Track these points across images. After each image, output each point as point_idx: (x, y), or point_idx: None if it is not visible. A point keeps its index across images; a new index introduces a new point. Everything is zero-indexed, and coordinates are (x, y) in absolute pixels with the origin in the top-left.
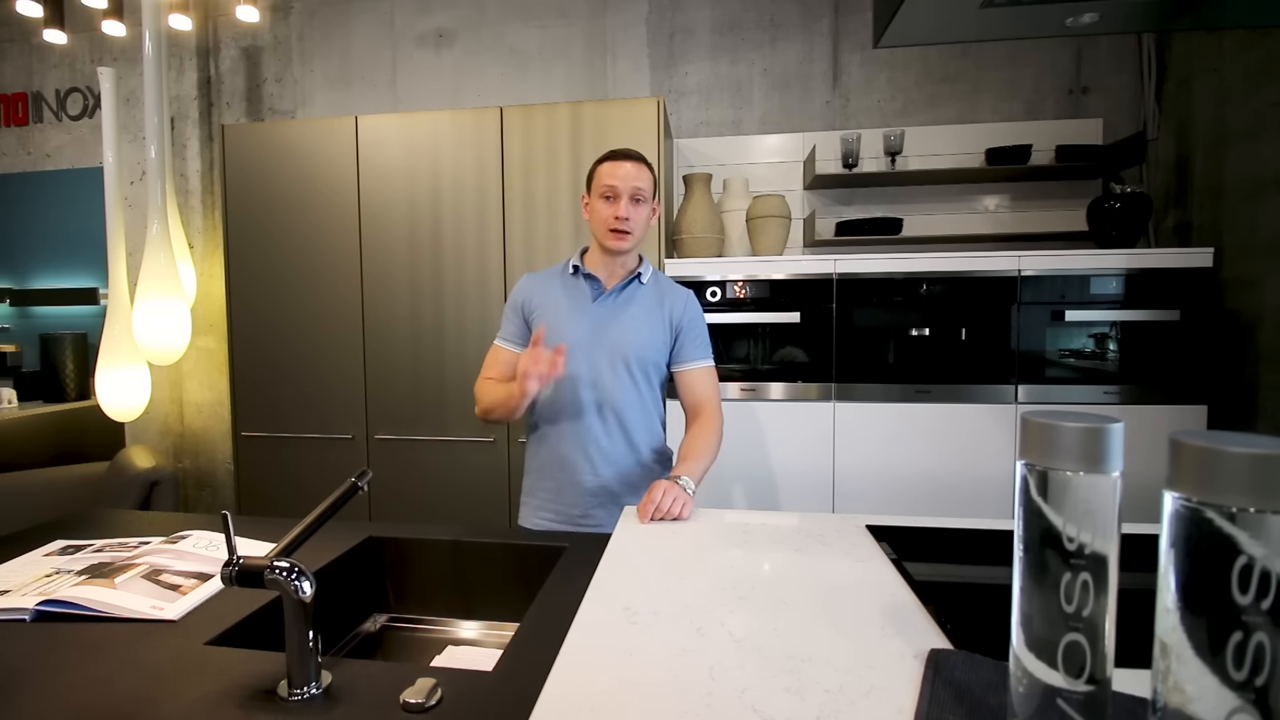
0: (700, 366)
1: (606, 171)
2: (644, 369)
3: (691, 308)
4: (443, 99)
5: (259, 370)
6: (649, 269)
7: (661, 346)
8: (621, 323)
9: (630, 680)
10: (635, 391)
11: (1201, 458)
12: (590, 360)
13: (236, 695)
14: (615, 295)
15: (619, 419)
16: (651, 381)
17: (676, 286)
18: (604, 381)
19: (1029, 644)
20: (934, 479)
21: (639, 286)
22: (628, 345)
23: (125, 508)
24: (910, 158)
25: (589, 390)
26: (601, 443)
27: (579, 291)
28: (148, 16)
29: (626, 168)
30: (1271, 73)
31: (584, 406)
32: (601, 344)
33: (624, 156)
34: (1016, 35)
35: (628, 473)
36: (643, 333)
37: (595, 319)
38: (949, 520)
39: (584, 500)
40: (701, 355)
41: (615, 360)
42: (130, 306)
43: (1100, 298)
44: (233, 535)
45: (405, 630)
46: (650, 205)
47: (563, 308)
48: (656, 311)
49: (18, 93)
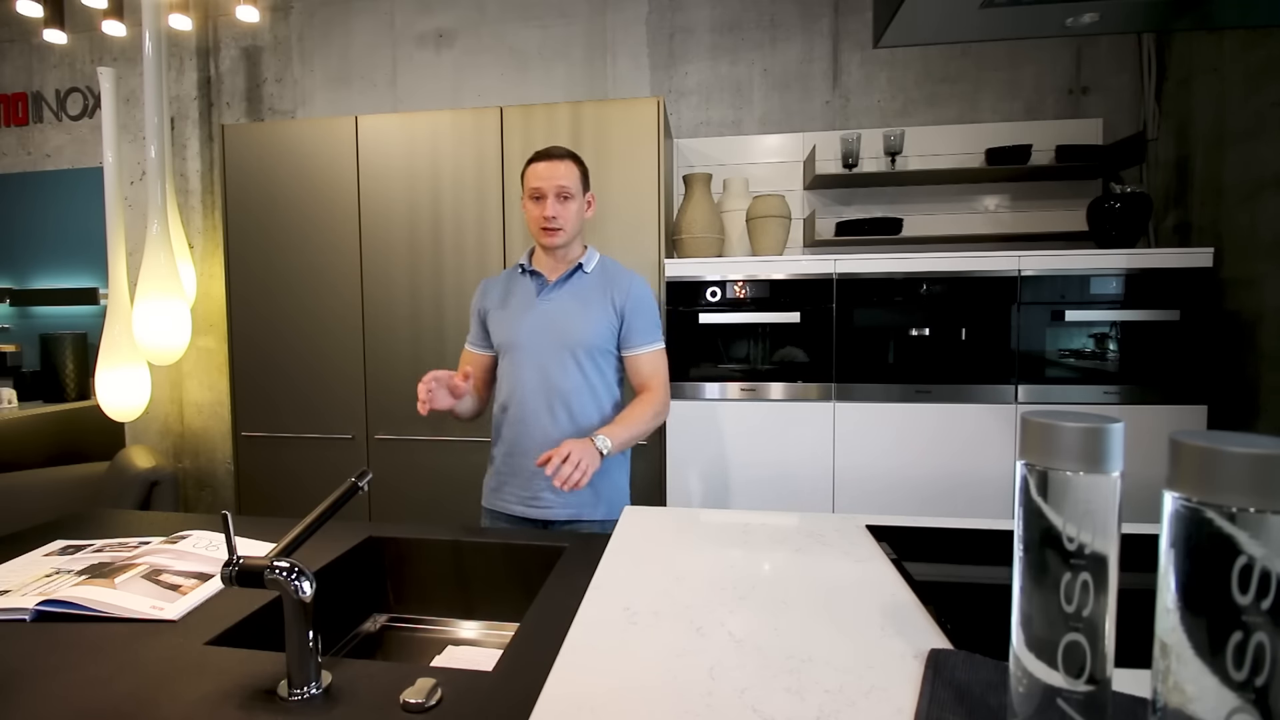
0: (647, 351)
1: (532, 173)
2: (591, 356)
3: (636, 291)
4: (443, 99)
5: (259, 370)
6: (594, 258)
7: (607, 332)
8: (565, 313)
9: (630, 680)
10: (583, 379)
11: (1201, 458)
12: (538, 352)
13: (236, 695)
14: (558, 287)
15: (567, 407)
16: (600, 367)
17: (623, 272)
18: (551, 372)
19: (1029, 644)
20: (934, 479)
21: (583, 276)
22: (572, 334)
23: (125, 508)
24: (910, 158)
25: (538, 381)
26: (549, 431)
27: (525, 288)
28: (148, 16)
29: (550, 167)
30: (1271, 73)
31: (533, 397)
32: (547, 336)
33: (547, 156)
34: (1016, 35)
35: None
36: (586, 320)
37: (539, 313)
38: (949, 520)
39: (534, 484)
40: (647, 340)
41: (561, 350)
42: (130, 306)
43: (1100, 298)
44: (233, 535)
45: (405, 630)
46: (581, 200)
47: (511, 306)
48: (600, 298)
49: (18, 93)
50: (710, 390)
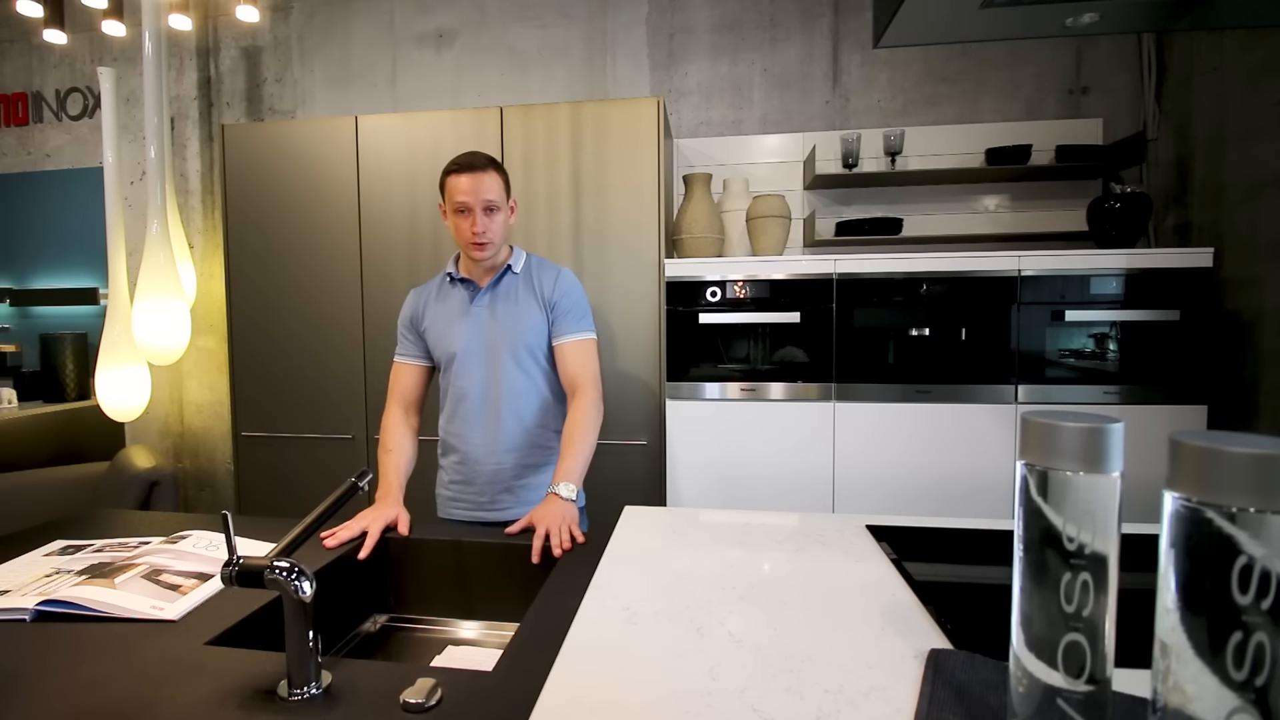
0: (573, 340)
1: (455, 186)
2: (530, 354)
3: (562, 282)
4: (443, 99)
5: (259, 370)
6: (520, 258)
7: (540, 328)
8: (499, 316)
9: (630, 680)
10: (525, 378)
11: (1201, 458)
12: (478, 359)
13: (236, 695)
14: (489, 292)
15: (514, 409)
16: (541, 363)
17: (549, 267)
18: (494, 376)
19: (1029, 644)
20: (934, 479)
21: (512, 277)
22: (508, 336)
23: (125, 508)
24: (910, 158)
25: (481, 388)
26: (499, 435)
27: (457, 297)
28: (148, 16)
29: (474, 180)
30: (1271, 73)
31: (479, 404)
32: (485, 341)
33: (470, 168)
34: (1016, 35)
35: (527, 456)
36: (520, 320)
37: (475, 319)
38: (949, 520)
39: (490, 488)
40: (574, 329)
41: (500, 353)
42: (130, 306)
43: (1100, 298)
44: (233, 535)
45: (405, 630)
46: (505, 209)
47: (446, 317)
48: (529, 295)
49: (18, 93)
50: (710, 390)
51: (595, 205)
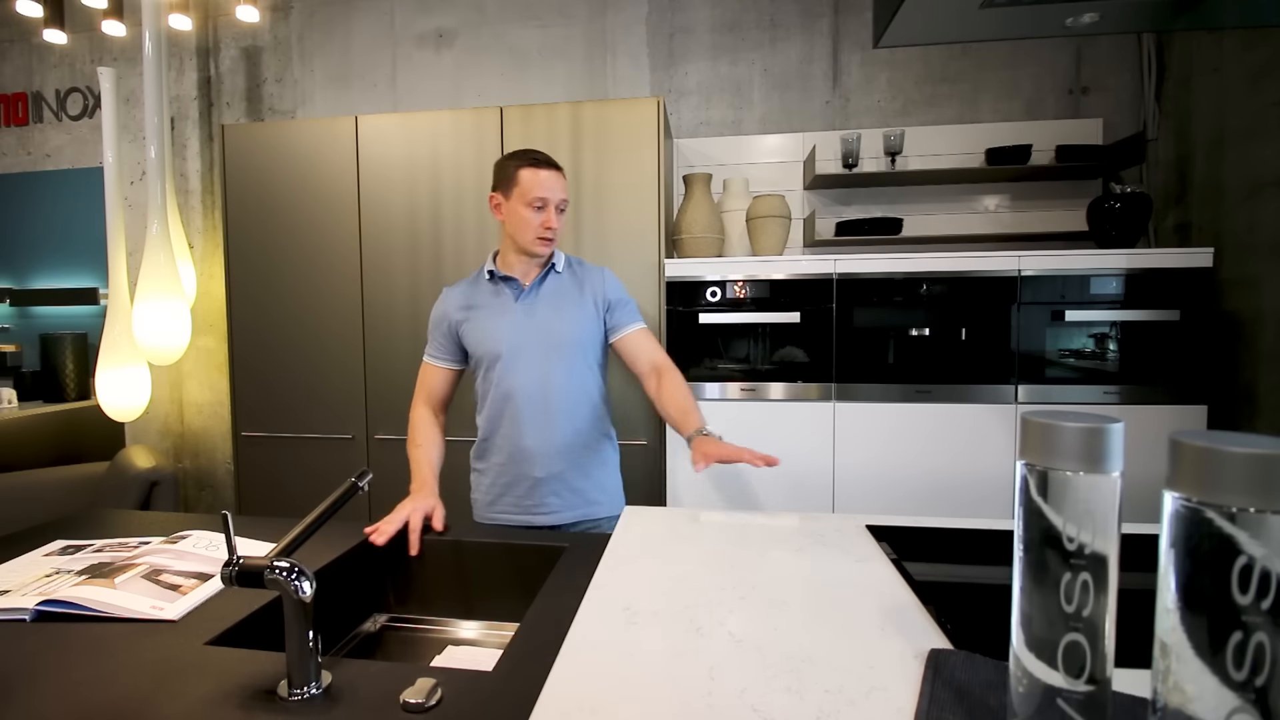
0: (636, 329)
1: (535, 182)
2: (579, 353)
3: (610, 281)
4: (443, 99)
5: (259, 370)
6: (561, 257)
7: (591, 327)
8: (546, 315)
9: (630, 680)
10: (577, 379)
11: (1201, 458)
12: (526, 358)
13: (236, 695)
14: (535, 290)
15: (567, 410)
16: (589, 363)
17: (591, 267)
18: (544, 377)
19: (1029, 644)
20: (934, 479)
21: (556, 276)
22: (559, 335)
23: (125, 508)
24: (910, 158)
25: (531, 388)
26: (551, 436)
27: (500, 295)
28: (148, 16)
29: (555, 178)
30: (1271, 73)
31: (527, 403)
32: (532, 340)
33: (549, 165)
34: (1016, 35)
35: (577, 457)
36: (569, 319)
37: (521, 318)
38: (949, 520)
39: (538, 491)
40: (634, 319)
41: (549, 352)
42: (130, 306)
43: (1100, 298)
44: (233, 535)
45: (405, 630)
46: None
47: (489, 315)
48: (578, 295)
49: (18, 93)
50: (710, 390)
51: (595, 205)
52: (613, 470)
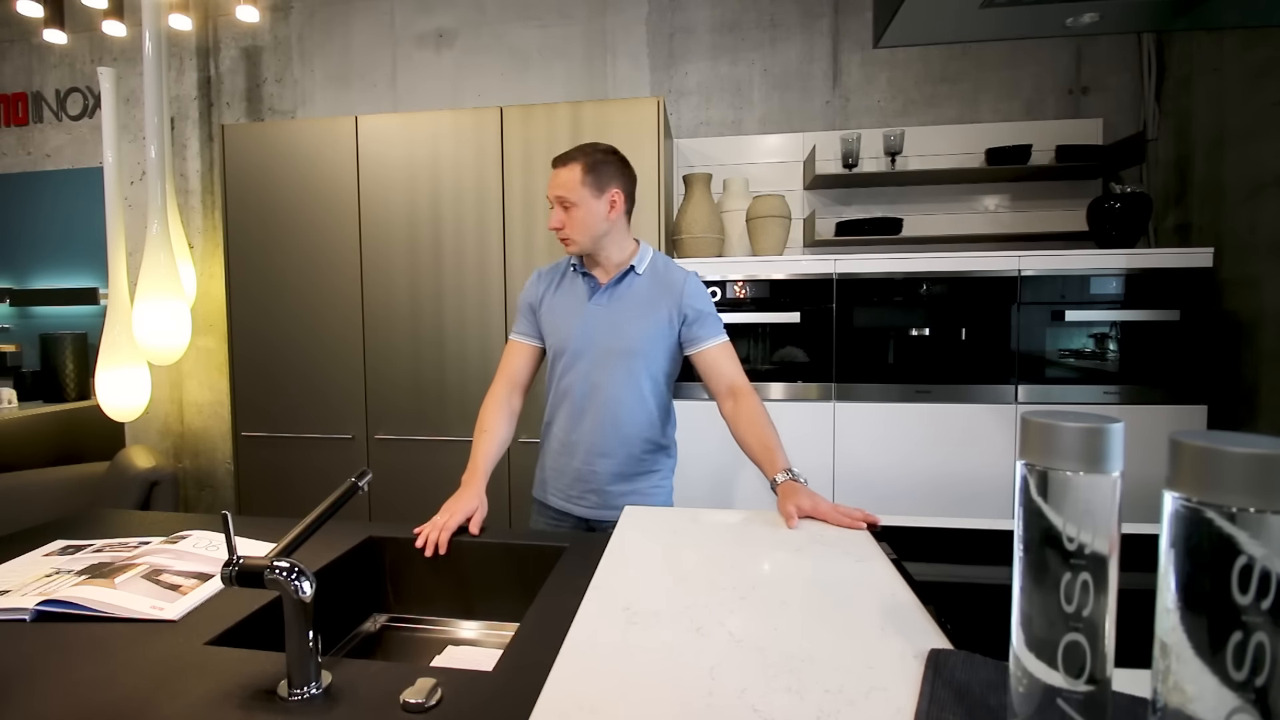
0: (715, 344)
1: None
2: (644, 364)
3: (691, 288)
4: (443, 99)
5: (259, 370)
6: (646, 258)
7: (661, 338)
8: (616, 319)
9: (630, 680)
10: (631, 386)
11: (1201, 458)
12: (587, 358)
13: (236, 695)
14: (610, 291)
15: (614, 419)
16: (653, 374)
17: (676, 270)
18: (599, 381)
19: (1029, 644)
20: (934, 479)
21: (635, 278)
22: (622, 341)
23: (125, 508)
24: (910, 158)
25: (584, 391)
26: (596, 442)
27: (577, 290)
28: (148, 16)
29: (553, 175)
30: (1271, 73)
31: (581, 402)
32: (597, 341)
33: (556, 162)
34: (1016, 35)
35: (620, 464)
36: (638, 326)
37: (590, 317)
38: (949, 520)
39: (578, 485)
40: (713, 333)
41: (611, 356)
42: (130, 306)
43: (1100, 298)
44: (233, 535)
45: (405, 630)
46: (589, 204)
47: (564, 308)
48: (652, 303)
49: (18, 93)
50: None
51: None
52: (659, 480)
